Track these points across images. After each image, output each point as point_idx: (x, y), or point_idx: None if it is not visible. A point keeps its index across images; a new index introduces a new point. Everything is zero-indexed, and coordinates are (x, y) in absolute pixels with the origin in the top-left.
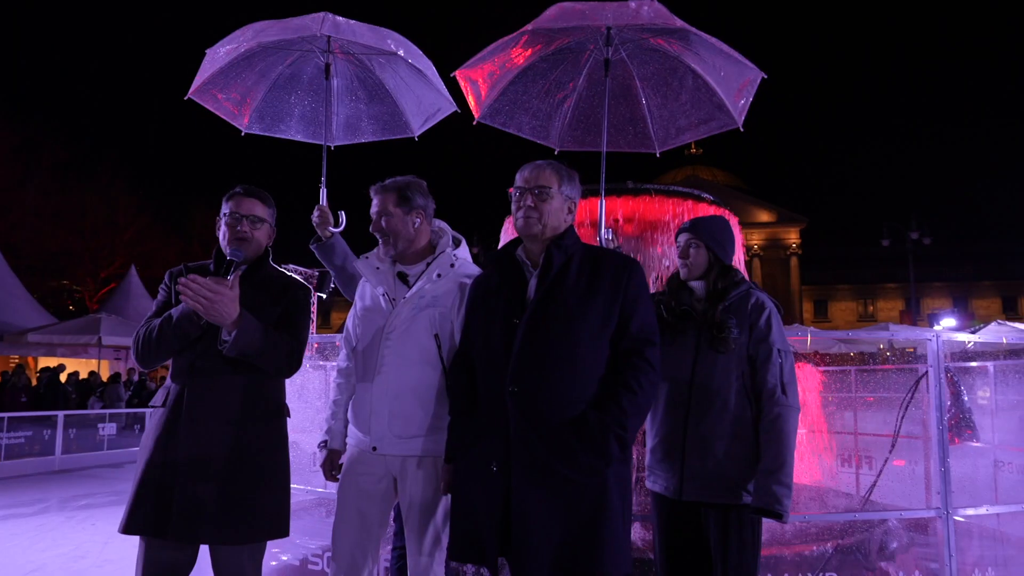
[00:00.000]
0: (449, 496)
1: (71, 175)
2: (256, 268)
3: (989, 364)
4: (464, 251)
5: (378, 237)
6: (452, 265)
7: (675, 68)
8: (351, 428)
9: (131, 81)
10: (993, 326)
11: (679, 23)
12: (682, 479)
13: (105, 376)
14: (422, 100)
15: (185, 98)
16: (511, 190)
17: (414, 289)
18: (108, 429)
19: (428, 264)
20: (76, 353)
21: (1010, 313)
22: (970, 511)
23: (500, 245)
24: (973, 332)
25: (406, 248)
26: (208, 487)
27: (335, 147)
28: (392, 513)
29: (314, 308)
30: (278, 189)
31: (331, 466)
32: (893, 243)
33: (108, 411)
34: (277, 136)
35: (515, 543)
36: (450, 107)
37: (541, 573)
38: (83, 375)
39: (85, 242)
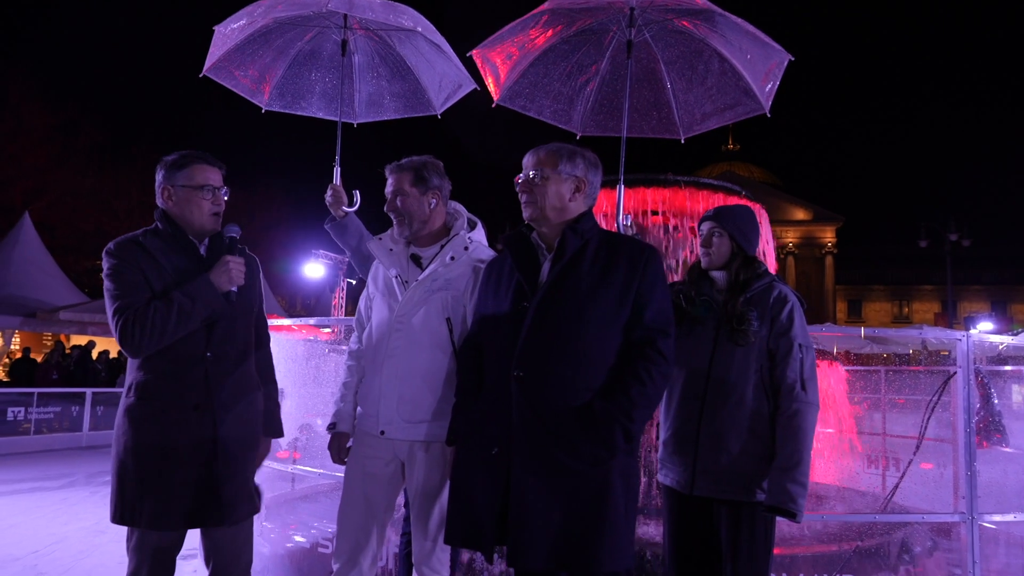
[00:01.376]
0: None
1: (107, 156)
2: (220, 237)
3: None
4: (479, 234)
5: (392, 217)
6: (466, 248)
7: (701, 51)
8: (359, 411)
9: (169, 63)
10: None
11: (703, 2)
12: (694, 473)
13: None
14: (443, 77)
15: (200, 75)
16: (517, 179)
17: (427, 272)
18: None
19: (442, 246)
20: (107, 332)
21: None
22: (997, 517)
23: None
24: (1014, 335)
25: (420, 229)
26: (241, 467)
27: (358, 124)
28: (402, 498)
29: (343, 294)
30: (306, 172)
31: (339, 449)
32: (930, 244)
33: None
34: (298, 113)
35: (512, 531)
36: (470, 84)
37: (537, 563)
38: (113, 354)
39: (119, 222)
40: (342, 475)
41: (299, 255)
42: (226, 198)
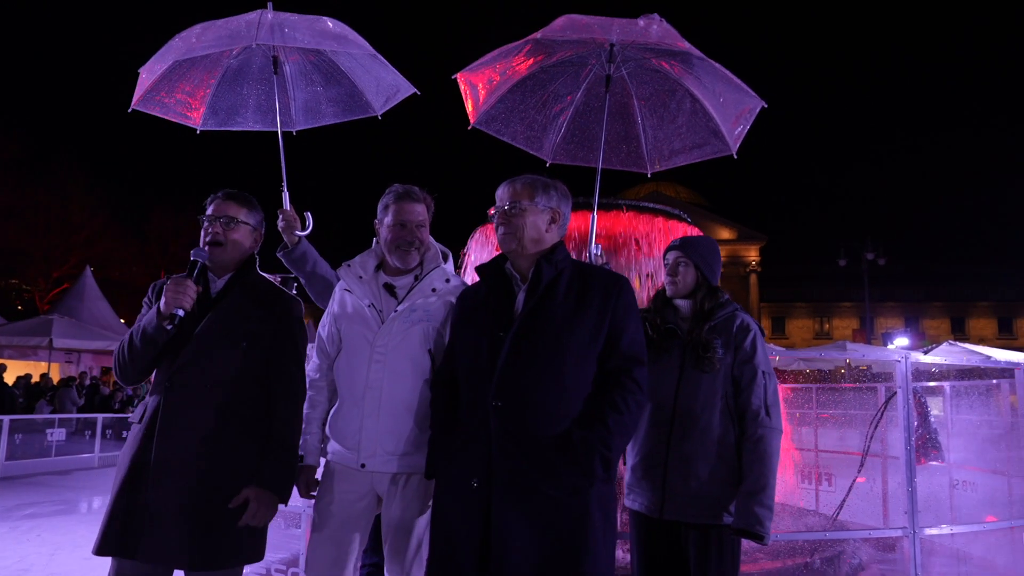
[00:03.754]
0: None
1: (24, 171)
2: (243, 275)
3: (946, 384)
4: (450, 265)
5: (401, 248)
6: (448, 280)
7: (674, 90)
8: (332, 444)
9: (90, 77)
10: (944, 346)
11: (685, 45)
12: (663, 498)
13: (56, 379)
14: (379, 80)
15: (129, 111)
16: (491, 211)
17: (407, 303)
18: (57, 435)
19: (417, 277)
20: (25, 355)
21: (958, 334)
22: (934, 531)
23: (468, 251)
24: (925, 351)
25: (416, 259)
26: (179, 507)
27: (297, 132)
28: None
29: None
30: (245, 186)
31: (307, 483)
32: (849, 263)
33: (57, 416)
34: (234, 129)
35: (494, 562)
36: (408, 88)
37: None
38: (34, 378)
39: (37, 240)
40: (282, 506)
41: None
42: (233, 230)
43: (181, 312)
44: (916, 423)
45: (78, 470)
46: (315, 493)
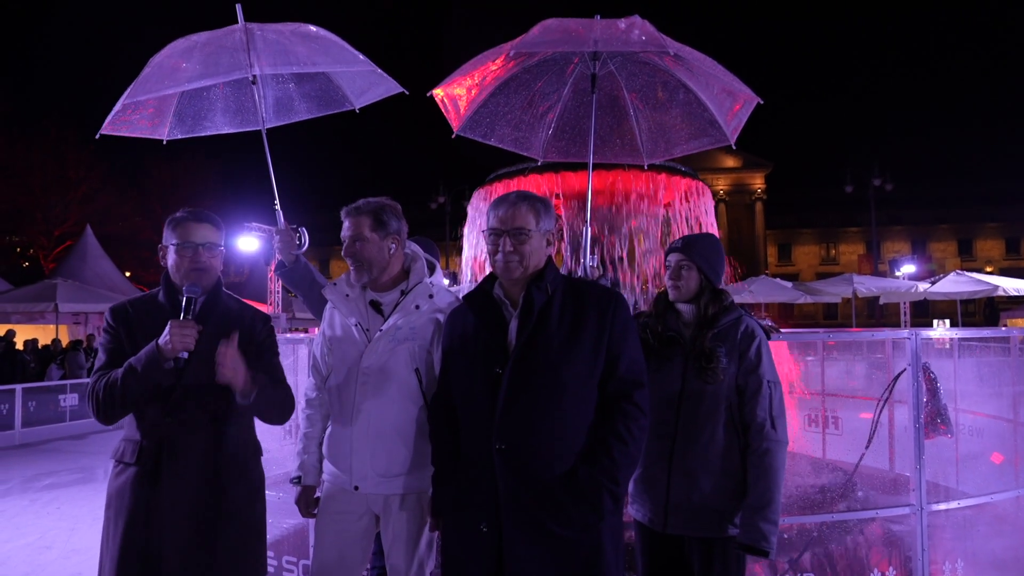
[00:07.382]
0: (430, 527)
1: (15, 128)
2: (214, 300)
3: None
4: (439, 276)
5: (350, 263)
6: (431, 296)
7: (666, 81)
8: (327, 465)
9: (79, 29)
10: (952, 276)
11: (671, 46)
12: (667, 512)
13: (65, 342)
14: (358, 75)
15: (97, 136)
16: (483, 230)
17: (391, 322)
18: (70, 400)
19: (403, 293)
20: (32, 319)
21: (965, 256)
22: (943, 507)
23: (468, 218)
24: (932, 283)
25: (380, 275)
26: (196, 548)
27: (268, 129)
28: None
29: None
30: (234, 140)
31: (307, 503)
32: (856, 188)
33: (69, 381)
34: (202, 135)
35: None
36: (389, 86)
37: None
38: (43, 342)
39: (35, 199)
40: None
41: (230, 228)
42: (214, 255)
43: (185, 355)
44: (925, 398)
45: (93, 433)
46: (316, 511)
